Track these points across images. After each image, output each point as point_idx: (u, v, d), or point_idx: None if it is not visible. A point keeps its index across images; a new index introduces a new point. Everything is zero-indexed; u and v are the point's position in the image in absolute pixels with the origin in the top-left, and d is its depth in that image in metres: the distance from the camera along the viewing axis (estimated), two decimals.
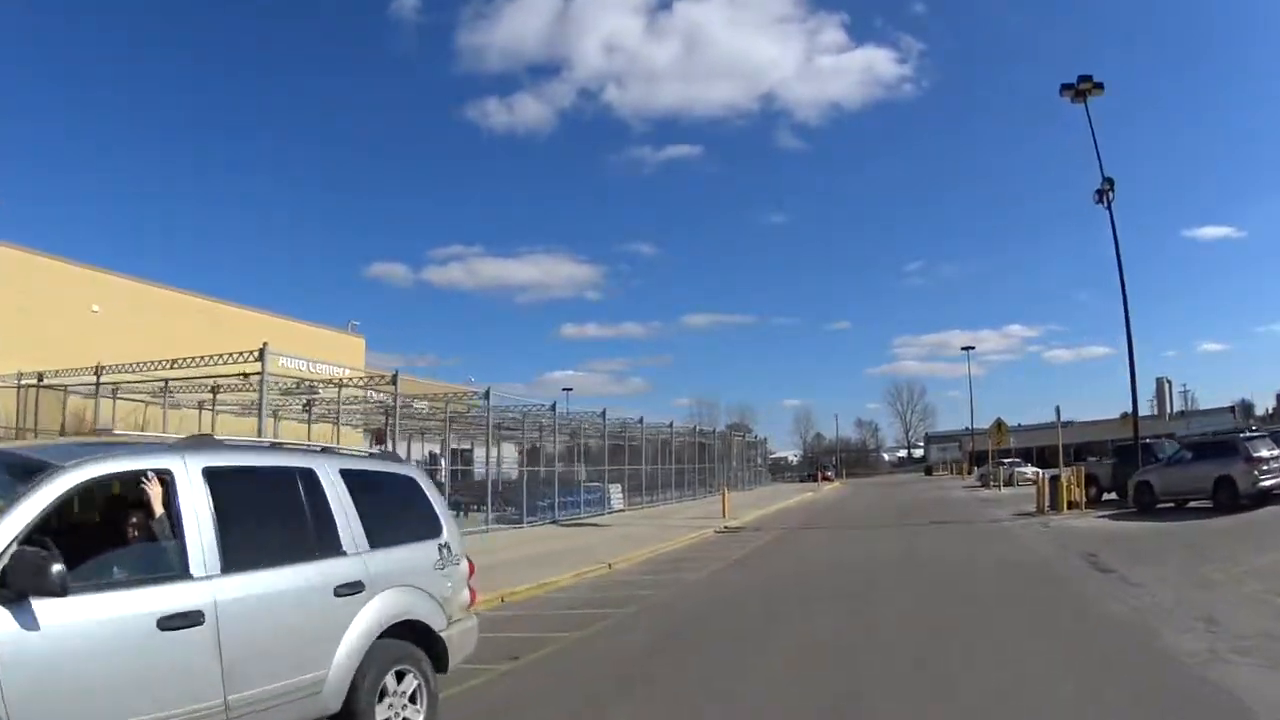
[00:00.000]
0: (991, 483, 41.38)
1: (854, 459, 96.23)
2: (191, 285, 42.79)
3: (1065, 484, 24.20)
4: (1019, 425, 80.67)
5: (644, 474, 32.03)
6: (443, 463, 47.85)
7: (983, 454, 72.19)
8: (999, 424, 37.77)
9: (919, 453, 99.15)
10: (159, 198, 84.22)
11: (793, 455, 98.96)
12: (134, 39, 77.43)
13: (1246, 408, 76.40)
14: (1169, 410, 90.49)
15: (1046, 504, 23.99)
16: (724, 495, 26.32)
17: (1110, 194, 25.53)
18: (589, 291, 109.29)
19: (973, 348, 75.75)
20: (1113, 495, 25.65)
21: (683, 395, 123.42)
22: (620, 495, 30.02)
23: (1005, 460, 44.69)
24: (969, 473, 62.85)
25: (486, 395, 23.56)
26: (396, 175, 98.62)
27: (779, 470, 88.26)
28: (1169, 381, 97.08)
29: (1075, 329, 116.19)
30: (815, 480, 61.83)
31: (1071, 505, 23.40)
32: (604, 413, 29.52)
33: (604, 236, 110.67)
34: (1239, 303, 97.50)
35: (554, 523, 24.71)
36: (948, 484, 52.45)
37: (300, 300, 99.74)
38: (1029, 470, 44.22)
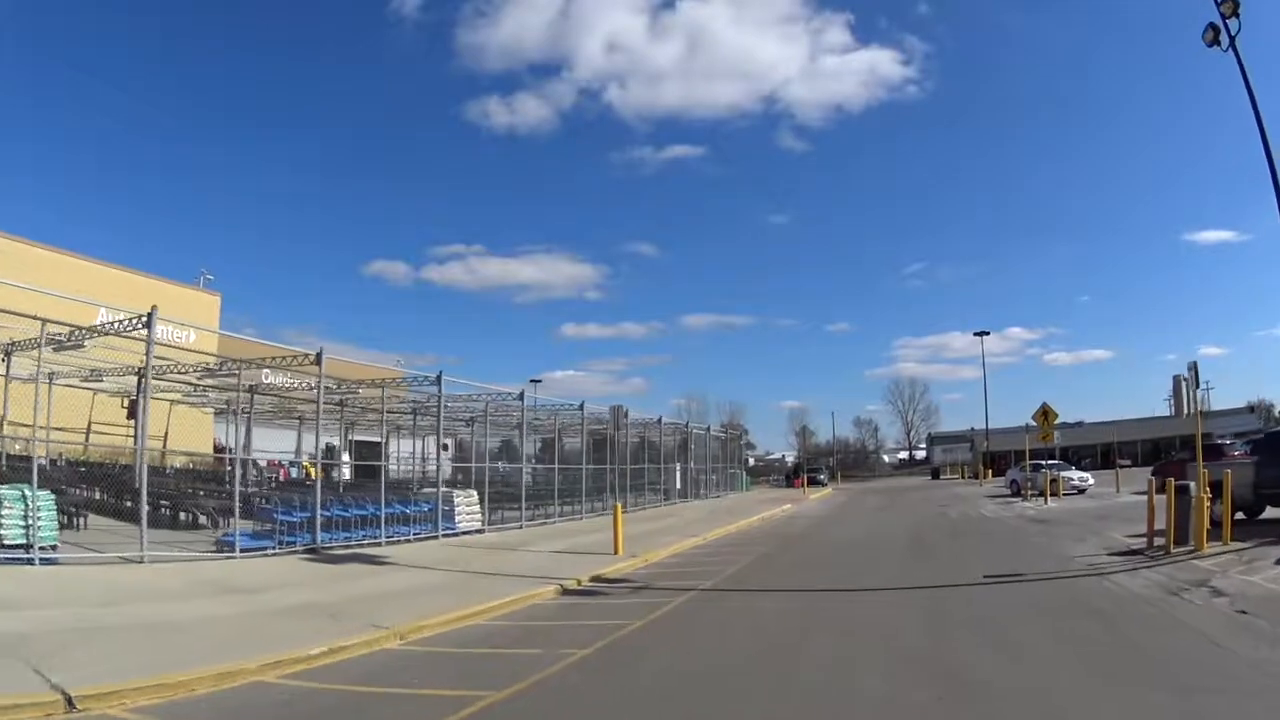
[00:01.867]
0: (1029, 492, 30.89)
1: (853, 460, 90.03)
2: (188, 281, 39.63)
3: (1201, 503, 13.99)
4: (1029, 425, 73.58)
5: (526, 476, 21.61)
6: (345, 456, 38.79)
7: (997, 454, 63.01)
8: (1045, 412, 27.21)
9: (921, 454, 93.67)
10: (159, 194, 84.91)
11: (790, 457, 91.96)
12: (134, 37, 77.45)
13: (1266, 407, 73.49)
14: (1186, 409, 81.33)
15: (1171, 533, 13.91)
16: (616, 517, 15.82)
17: (1234, 19, 15.05)
18: (589, 291, 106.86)
19: (987, 333, 66.62)
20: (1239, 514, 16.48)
21: (682, 396, 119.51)
22: (475, 508, 19.61)
23: (1045, 463, 34.20)
24: (984, 476, 52.58)
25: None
26: (397, 173, 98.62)
27: (768, 473, 79.86)
28: (1185, 380, 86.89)
29: (1076, 332, 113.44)
30: (794, 486, 51.31)
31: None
32: (438, 378, 19.07)
33: (605, 236, 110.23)
34: (1240, 306, 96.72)
35: (312, 552, 14.50)
36: (964, 491, 41.93)
37: (299, 299, 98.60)
38: (1075, 475, 33.70)
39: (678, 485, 33.96)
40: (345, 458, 38.61)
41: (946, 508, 28.62)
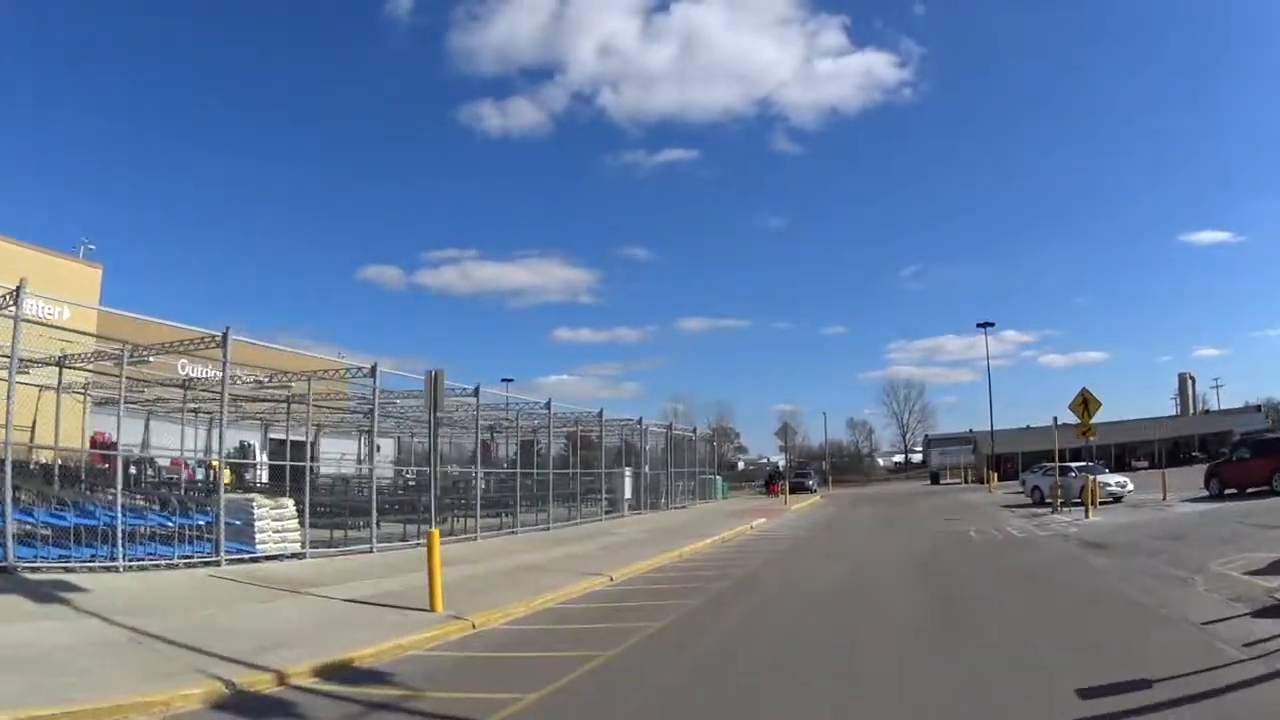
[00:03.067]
0: (1056, 500, 24.79)
1: (846, 464, 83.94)
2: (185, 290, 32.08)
3: None
4: (1028, 426, 68.79)
5: (374, 481, 15.55)
6: (262, 456, 33.60)
7: (1003, 457, 57.29)
8: (1085, 400, 21.10)
9: (917, 457, 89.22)
10: (153, 193, 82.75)
11: (783, 460, 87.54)
12: (134, 40, 76.03)
13: (1273, 407, 70.74)
14: (1193, 408, 76.01)
15: None
16: (431, 553, 9.73)
17: None
18: (583, 295, 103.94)
19: (991, 324, 61.30)
20: None
21: (676, 400, 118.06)
22: (291, 524, 13.86)
23: (1074, 465, 28.18)
24: (991, 481, 46.60)
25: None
26: (390, 178, 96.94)
27: (758, 477, 74.53)
28: (1193, 378, 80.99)
29: (1071, 334, 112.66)
30: (771, 493, 45.13)
31: None
32: (224, 336, 13.13)
33: (598, 240, 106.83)
34: (1236, 307, 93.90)
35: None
36: (972, 499, 35.92)
37: (293, 303, 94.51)
38: (1112, 480, 27.62)
39: (627, 494, 27.84)
40: (262, 457, 33.55)
41: (960, 523, 22.57)
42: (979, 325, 60.04)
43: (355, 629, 8.61)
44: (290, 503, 14.28)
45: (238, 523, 13.61)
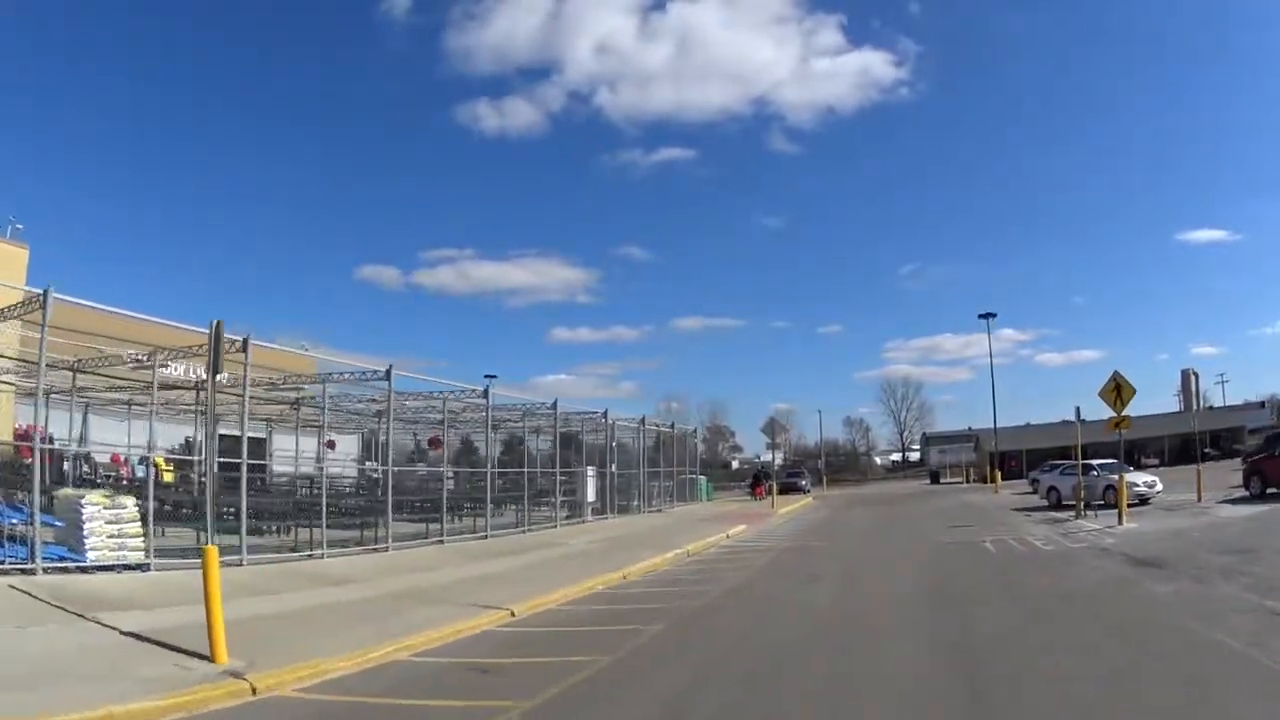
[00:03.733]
0: (1080, 504, 21.56)
1: (842, 463, 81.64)
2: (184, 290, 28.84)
3: None
4: (1028, 424, 66.09)
5: (244, 478, 12.53)
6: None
7: (1006, 455, 54.48)
8: (1118, 386, 17.91)
9: (914, 455, 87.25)
10: (149, 204, 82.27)
11: (779, 459, 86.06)
12: (133, 40, 75.15)
13: (1278, 403, 68.59)
14: (1196, 404, 72.90)
15: None
16: (209, 581, 6.92)
17: None
18: (580, 295, 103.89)
19: (994, 315, 58.51)
20: None
21: (672, 399, 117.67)
22: (132, 527, 11.21)
23: (1094, 464, 24.96)
24: (995, 479, 43.56)
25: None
26: (388, 178, 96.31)
27: (744, 478, 71.87)
28: (1196, 374, 77.22)
29: (1069, 333, 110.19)
30: (755, 495, 41.91)
31: None
32: (46, 294, 10.14)
33: (596, 240, 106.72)
34: (1233, 306, 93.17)
35: None
36: (978, 499, 32.82)
37: (291, 304, 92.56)
38: (1140, 479, 24.38)
39: (590, 497, 24.65)
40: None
41: (970, 530, 19.45)
42: (980, 316, 57.53)
43: (89, 679, 5.80)
44: (130, 501, 11.29)
45: (61, 524, 10.84)
